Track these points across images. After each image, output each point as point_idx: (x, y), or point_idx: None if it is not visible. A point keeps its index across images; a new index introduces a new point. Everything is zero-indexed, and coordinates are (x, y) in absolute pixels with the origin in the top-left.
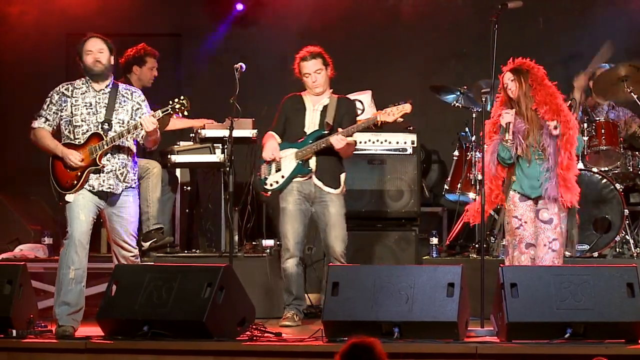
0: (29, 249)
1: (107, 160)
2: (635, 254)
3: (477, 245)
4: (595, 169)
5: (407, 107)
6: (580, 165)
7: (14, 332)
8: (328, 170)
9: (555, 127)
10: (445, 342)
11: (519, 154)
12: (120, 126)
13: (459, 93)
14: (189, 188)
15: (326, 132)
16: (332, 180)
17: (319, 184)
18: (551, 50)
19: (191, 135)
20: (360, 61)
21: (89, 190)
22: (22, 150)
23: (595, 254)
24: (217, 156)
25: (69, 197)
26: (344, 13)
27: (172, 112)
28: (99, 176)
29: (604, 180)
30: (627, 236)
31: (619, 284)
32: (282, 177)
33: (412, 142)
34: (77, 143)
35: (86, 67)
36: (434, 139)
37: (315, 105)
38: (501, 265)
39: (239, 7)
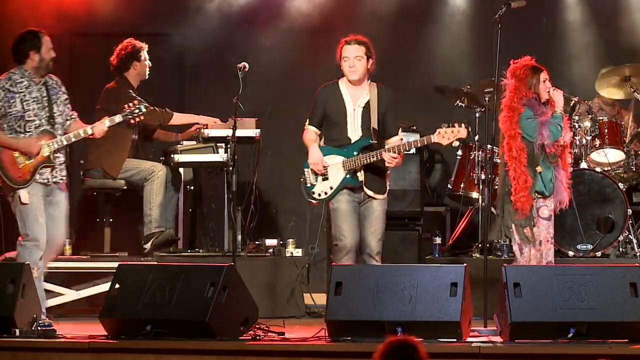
0: None
1: (61, 152)
2: (638, 254)
3: (480, 245)
4: (598, 169)
5: (463, 132)
6: (584, 165)
7: (17, 331)
8: (376, 179)
9: None
10: (448, 341)
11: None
12: (62, 118)
13: (462, 93)
14: (192, 187)
15: (373, 142)
16: (381, 187)
17: (370, 193)
18: (554, 49)
19: (194, 135)
20: None
21: (44, 184)
22: None
23: (599, 254)
24: (221, 156)
25: (24, 198)
26: (347, 12)
27: (130, 117)
28: (54, 169)
29: (607, 180)
30: (630, 235)
31: (622, 283)
32: (331, 188)
33: None
34: (27, 137)
35: (42, 63)
36: None
37: (356, 102)
38: (504, 264)
39: None
